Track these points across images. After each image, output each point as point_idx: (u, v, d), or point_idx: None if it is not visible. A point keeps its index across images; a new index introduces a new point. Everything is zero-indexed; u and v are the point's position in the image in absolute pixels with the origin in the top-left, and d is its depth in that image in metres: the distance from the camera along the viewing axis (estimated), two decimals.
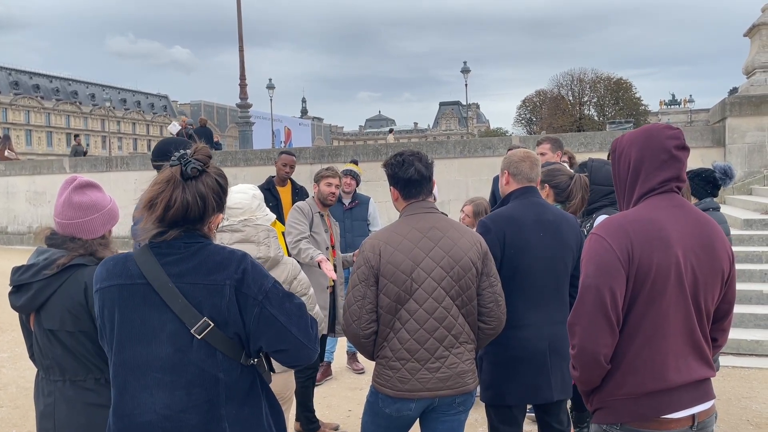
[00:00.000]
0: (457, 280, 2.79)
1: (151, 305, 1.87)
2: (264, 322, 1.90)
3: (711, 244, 2.12)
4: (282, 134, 48.91)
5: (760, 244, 8.25)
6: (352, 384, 5.98)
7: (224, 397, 1.89)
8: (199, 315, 1.85)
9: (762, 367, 6.14)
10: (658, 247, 2.04)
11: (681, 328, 2.07)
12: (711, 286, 2.11)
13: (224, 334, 1.88)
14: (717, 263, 2.12)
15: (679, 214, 2.13)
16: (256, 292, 1.89)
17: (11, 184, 17.89)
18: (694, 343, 2.09)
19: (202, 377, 1.87)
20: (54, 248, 2.47)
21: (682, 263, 2.05)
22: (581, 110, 69.66)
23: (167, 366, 1.86)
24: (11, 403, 5.64)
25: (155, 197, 1.88)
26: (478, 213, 4.93)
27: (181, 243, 1.91)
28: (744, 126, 11.51)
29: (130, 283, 1.89)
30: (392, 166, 2.93)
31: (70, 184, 2.54)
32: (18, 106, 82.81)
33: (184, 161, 1.90)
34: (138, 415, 1.87)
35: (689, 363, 2.07)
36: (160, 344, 1.86)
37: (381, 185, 13.88)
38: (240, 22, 20.31)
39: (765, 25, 12.30)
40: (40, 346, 2.47)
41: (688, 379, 2.05)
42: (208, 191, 1.92)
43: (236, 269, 1.89)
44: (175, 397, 1.86)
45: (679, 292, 2.05)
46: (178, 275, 1.87)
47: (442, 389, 2.78)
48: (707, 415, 2.12)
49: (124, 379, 1.89)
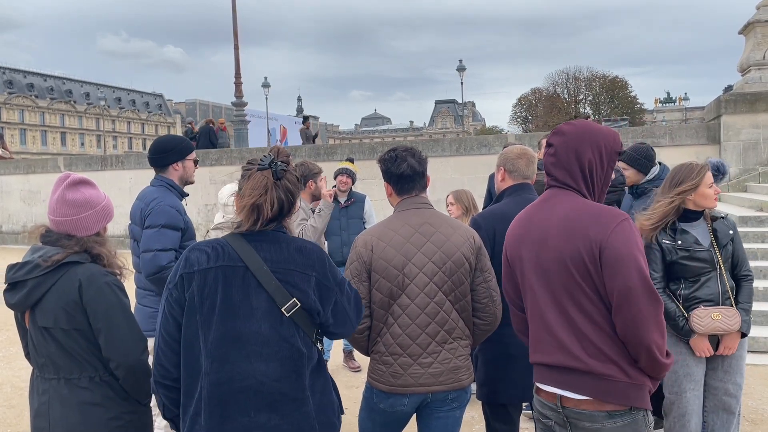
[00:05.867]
0: (449, 275, 2.78)
1: (250, 285, 2.11)
2: (337, 309, 2.24)
3: (547, 236, 2.24)
4: (278, 133, 48.82)
5: (755, 241, 8.27)
6: (349, 382, 5.98)
7: (308, 370, 2.16)
8: (289, 296, 2.11)
9: (758, 364, 6.16)
10: (509, 241, 2.40)
11: (535, 313, 2.29)
12: (557, 275, 2.20)
13: (307, 315, 2.15)
14: (555, 252, 2.20)
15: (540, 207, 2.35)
16: (332, 284, 2.21)
17: (5, 183, 17.82)
18: (547, 329, 2.23)
19: (291, 351, 2.12)
20: (49, 246, 2.47)
21: (525, 255, 2.31)
22: (577, 108, 69.71)
23: (264, 340, 2.09)
24: (6, 403, 5.62)
25: (260, 202, 2.12)
26: (459, 197, 5.13)
27: (269, 232, 2.17)
28: (739, 123, 11.55)
29: (233, 265, 2.12)
30: (385, 161, 2.94)
31: (63, 181, 2.53)
32: (12, 105, 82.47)
33: (274, 165, 2.15)
34: (239, 381, 2.08)
35: (541, 347, 2.27)
36: (257, 320, 2.10)
37: (377, 183, 13.82)
38: (235, 20, 20.27)
39: (759, 23, 12.34)
40: (34, 343, 2.47)
41: (540, 360, 2.29)
42: (293, 187, 2.20)
43: (321, 262, 2.20)
44: (270, 367, 2.09)
45: (532, 282, 2.29)
46: (272, 260, 2.13)
47: (434, 385, 2.77)
48: (576, 405, 2.16)
49: (226, 350, 2.08)
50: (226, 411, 2.07)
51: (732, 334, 3.35)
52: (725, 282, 3.37)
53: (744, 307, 3.39)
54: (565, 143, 2.28)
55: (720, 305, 3.34)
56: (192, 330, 2.11)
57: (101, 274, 2.44)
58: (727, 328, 3.31)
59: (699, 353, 3.37)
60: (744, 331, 3.37)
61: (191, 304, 2.11)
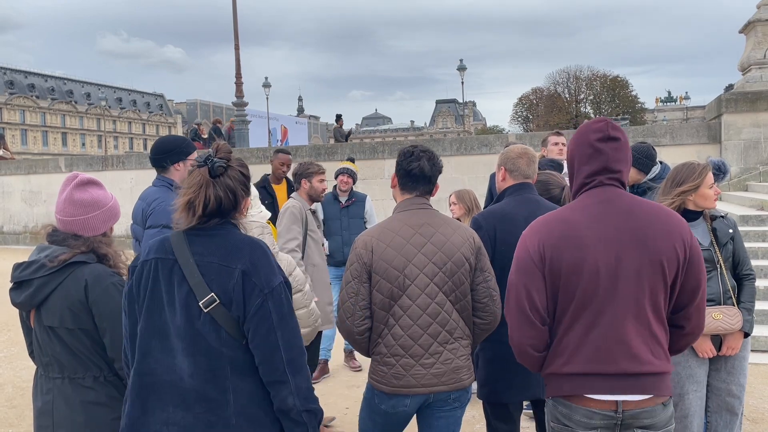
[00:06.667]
0: (450, 275, 2.79)
1: (175, 278, 2.06)
2: (261, 317, 2.02)
3: (642, 235, 2.15)
4: (278, 133, 48.85)
5: (756, 240, 8.28)
6: (349, 382, 5.99)
7: (228, 370, 2.03)
8: (208, 290, 2.01)
9: (759, 363, 6.16)
10: (568, 247, 2.16)
11: (598, 322, 2.15)
12: (649, 276, 2.15)
13: (229, 313, 2.02)
14: (651, 253, 2.15)
15: (605, 209, 2.19)
16: (263, 285, 2.03)
17: (6, 184, 17.83)
18: (617, 338, 2.14)
19: (207, 348, 2.02)
20: (55, 245, 2.48)
21: (602, 260, 2.13)
22: (577, 108, 69.69)
23: (180, 333, 2.03)
24: (7, 403, 5.63)
25: (193, 199, 2.07)
26: (461, 197, 5.11)
27: (211, 228, 2.10)
28: (740, 122, 11.55)
29: (164, 257, 2.09)
30: (401, 154, 2.98)
31: (71, 181, 2.54)
32: (13, 105, 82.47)
33: (210, 162, 2.08)
34: (159, 374, 2.05)
35: (607, 356, 2.15)
36: (175, 313, 2.04)
37: (377, 183, 13.89)
38: (236, 19, 20.26)
39: (760, 22, 12.33)
40: (39, 343, 2.48)
41: (604, 371, 2.15)
42: (236, 184, 2.12)
43: (249, 256, 2.05)
44: (185, 362, 2.02)
45: (595, 287, 2.13)
46: (200, 254, 2.06)
47: (437, 385, 2.78)
48: (638, 406, 2.17)
49: (150, 342, 2.06)
50: (148, 403, 2.05)
51: (735, 334, 3.34)
52: (726, 281, 3.37)
53: (746, 307, 3.38)
54: (626, 140, 2.30)
55: (721, 305, 3.34)
56: (133, 320, 2.11)
57: (107, 275, 2.45)
58: (728, 327, 3.30)
59: (701, 354, 3.36)
60: (747, 331, 3.36)
61: (131, 295, 2.11)
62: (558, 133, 6.11)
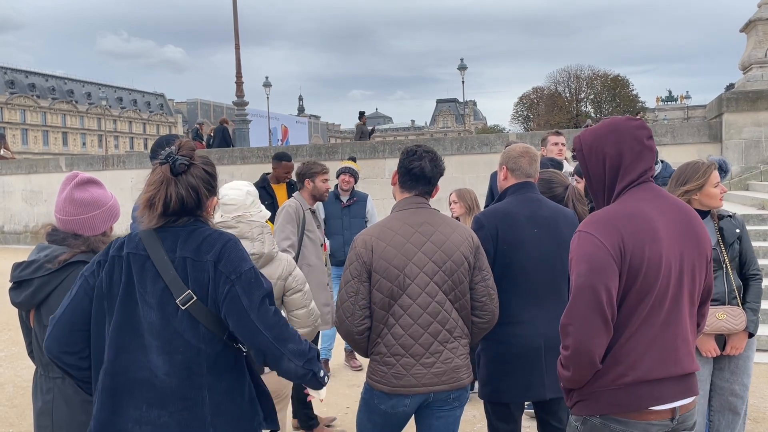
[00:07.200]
0: (449, 274, 2.78)
1: (148, 274, 2.02)
2: (230, 301, 1.99)
3: (694, 230, 2.15)
4: (279, 132, 48.85)
5: (757, 240, 8.26)
6: (350, 381, 5.98)
7: (205, 367, 2.01)
8: (185, 287, 1.99)
9: (760, 362, 6.15)
10: (647, 240, 2.02)
11: (670, 320, 2.06)
12: (699, 271, 2.15)
13: (207, 308, 2.01)
14: (702, 247, 2.16)
15: (662, 204, 2.15)
16: (230, 271, 2.00)
17: (7, 184, 17.83)
18: (682, 336, 2.10)
19: (184, 345, 2.00)
20: (55, 245, 2.48)
21: (672, 254, 2.06)
22: (578, 107, 69.72)
23: (155, 331, 2.00)
24: (8, 402, 5.63)
25: (153, 197, 2.03)
26: (462, 196, 5.13)
27: (180, 226, 2.07)
28: (741, 121, 11.54)
29: (136, 252, 2.05)
30: (404, 152, 2.98)
31: (71, 180, 2.54)
32: (14, 105, 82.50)
33: (171, 159, 2.04)
34: (133, 372, 2.00)
35: (675, 356, 2.06)
36: (150, 310, 2.00)
37: (378, 182, 13.88)
38: (236, 19, 20.25)
39: (761, 21, 12.33)
40: (39, 343, 2.47)
41: (672, 373, 2.05)
42: (198, 182, 2.07)
43: (220, 248, 2.03)
44: (160, 360, 1.99)
45: (668, 282, 2.05)
46: (172, 250, 2.03)
47: (437, 384, 2.77)
48: (687, 409, 2.13)
49: (123, 339, 2.01)
50: (119, 403, 1.99)
51: (739, 333, 3.33)
52: (731, 281, 3.36)
53: (751, 307, 3.36)
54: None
55: (726, 304, 3.33)
56: (99, 318, 2.05)
57: None
58: (732, 327, 3.29)
59: (705, 353, 3.35)
60: (751, 331, 3.34)
61: (99, 291, 2.06)
62: (558, 132, 6.10)
